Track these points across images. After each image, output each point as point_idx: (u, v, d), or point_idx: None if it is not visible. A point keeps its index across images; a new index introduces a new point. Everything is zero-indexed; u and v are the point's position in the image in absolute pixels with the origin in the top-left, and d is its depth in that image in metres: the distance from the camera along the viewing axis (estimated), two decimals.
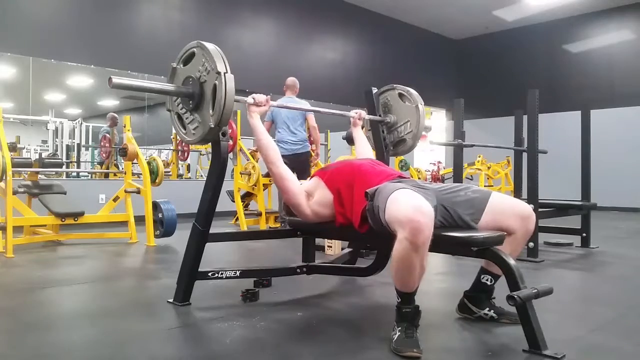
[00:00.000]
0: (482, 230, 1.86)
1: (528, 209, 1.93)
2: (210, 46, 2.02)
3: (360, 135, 2.78)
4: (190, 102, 2.06)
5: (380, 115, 2.93)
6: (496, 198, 1.94)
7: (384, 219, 1.76)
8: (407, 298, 1.74)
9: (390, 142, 2.95)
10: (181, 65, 2.15)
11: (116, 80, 1.87)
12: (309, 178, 2.35)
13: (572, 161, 5.08)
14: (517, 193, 4.44)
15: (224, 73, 1.94)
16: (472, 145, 3.95)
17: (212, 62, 1.97)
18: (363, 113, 2.80)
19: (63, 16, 5.96)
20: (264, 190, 5.34)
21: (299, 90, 5.14)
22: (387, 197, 1.76)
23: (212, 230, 2.26)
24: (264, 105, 2.27)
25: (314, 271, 2.64)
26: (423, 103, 2.82)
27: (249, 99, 2.23)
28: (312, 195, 2.20)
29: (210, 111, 1.98)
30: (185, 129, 2.15)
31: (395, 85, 2.94)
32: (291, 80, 5.14)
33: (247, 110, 2.26)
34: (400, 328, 1.70)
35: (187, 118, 2.12)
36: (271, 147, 2.24)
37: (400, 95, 2.90)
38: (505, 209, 1.91)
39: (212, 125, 1.97)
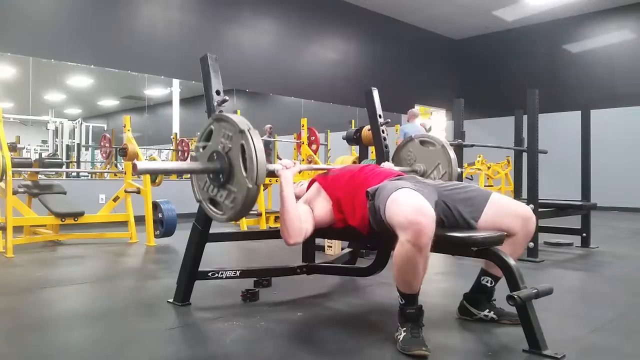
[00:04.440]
0: (482, 230, 1.86)
1: (528, 210, 1.92)
2: (226, 115, 1.89)
3: None
4: (221, 175, 1.88)
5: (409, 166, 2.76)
6: (496, 198, 1.93)
7: (385, 220, 1.74)
8: (411, 299, 1.73)
9: None
10: (203, 144, 1.97)
11: (141, 166, 1.72)
12: (309, 182, 2.29)
13: (572, 161, 5.08)
14: (517, 193, 4.44)
15: (248, 129, 1.79)
16: (472, 145, 3.96)
17: (233, 125, 1.83)
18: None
19: (63, 16, 5.96)
20: (264, 190, 5.34)
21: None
22: (387, 197, 1.73)
23: (212, 230, 2.26)
24: (294, 167, 2.05)
25: (314, 271, 2.64)
26: (448, 143, 2.67)
27: (278, 166, 2.03)
28: (312, 205, 2.08)
29: (244, 173, 1.80)
30: (221, 209, 1.93)
31: (412, 135, 2.82)
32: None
33: (280, 178, 1.97)
34: (405, 328, 1.70)
35: (220, 196, 1.93)
36: (297, 218, 1.93)
37: (422, 142, 2.76)
38: (505, 210, 1.90)
39: (251, 186, 1.77)
